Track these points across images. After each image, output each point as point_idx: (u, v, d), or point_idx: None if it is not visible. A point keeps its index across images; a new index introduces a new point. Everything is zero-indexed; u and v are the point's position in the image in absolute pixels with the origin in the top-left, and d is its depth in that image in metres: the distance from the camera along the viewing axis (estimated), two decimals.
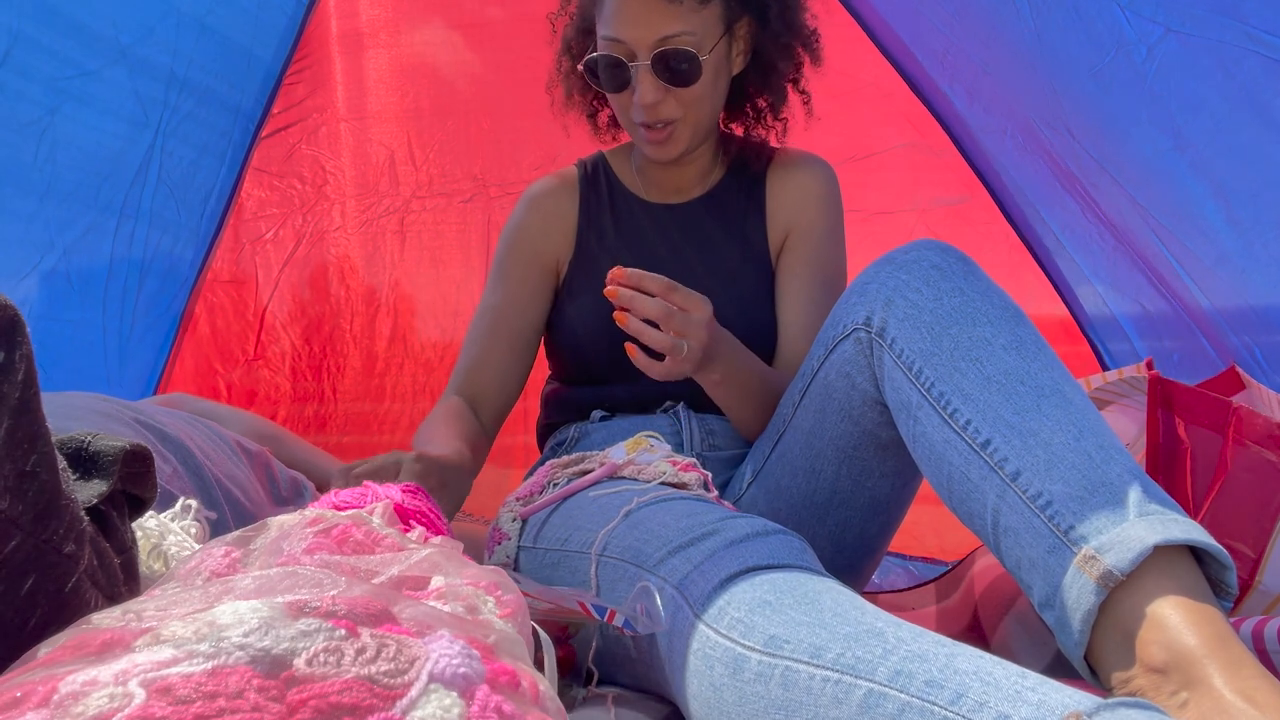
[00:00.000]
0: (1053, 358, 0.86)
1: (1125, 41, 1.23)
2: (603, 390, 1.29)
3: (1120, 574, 0.71)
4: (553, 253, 1.36)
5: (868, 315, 0.95)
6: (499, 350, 1.33)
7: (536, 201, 1.39)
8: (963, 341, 0.87)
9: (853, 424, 1.01)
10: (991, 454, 0.81)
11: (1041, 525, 0.77)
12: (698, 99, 1.22)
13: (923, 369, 0.88)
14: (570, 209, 1.38)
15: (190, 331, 2.08)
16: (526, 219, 1.38)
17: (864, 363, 0.96)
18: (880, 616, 0.67)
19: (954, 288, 0.90)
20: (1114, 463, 0.77)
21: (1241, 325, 1.36)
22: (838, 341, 0.99)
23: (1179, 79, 1.22)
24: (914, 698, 0.59)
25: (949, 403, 0.85)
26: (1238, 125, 1.20)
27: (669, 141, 1.25)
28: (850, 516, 1.07)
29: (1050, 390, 0.82)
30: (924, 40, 1.68)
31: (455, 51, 2.04)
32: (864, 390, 0.98)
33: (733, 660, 0.68)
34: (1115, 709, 0.56)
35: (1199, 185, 1.30)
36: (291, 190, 2.10)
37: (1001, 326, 0.87)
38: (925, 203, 1.84)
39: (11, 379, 0.49)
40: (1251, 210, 1.26)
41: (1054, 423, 0.80)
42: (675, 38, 1.17)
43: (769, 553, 0.76)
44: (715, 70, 1.23)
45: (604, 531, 0.88)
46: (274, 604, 0.43)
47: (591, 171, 1.41)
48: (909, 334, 0.90)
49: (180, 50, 1.77)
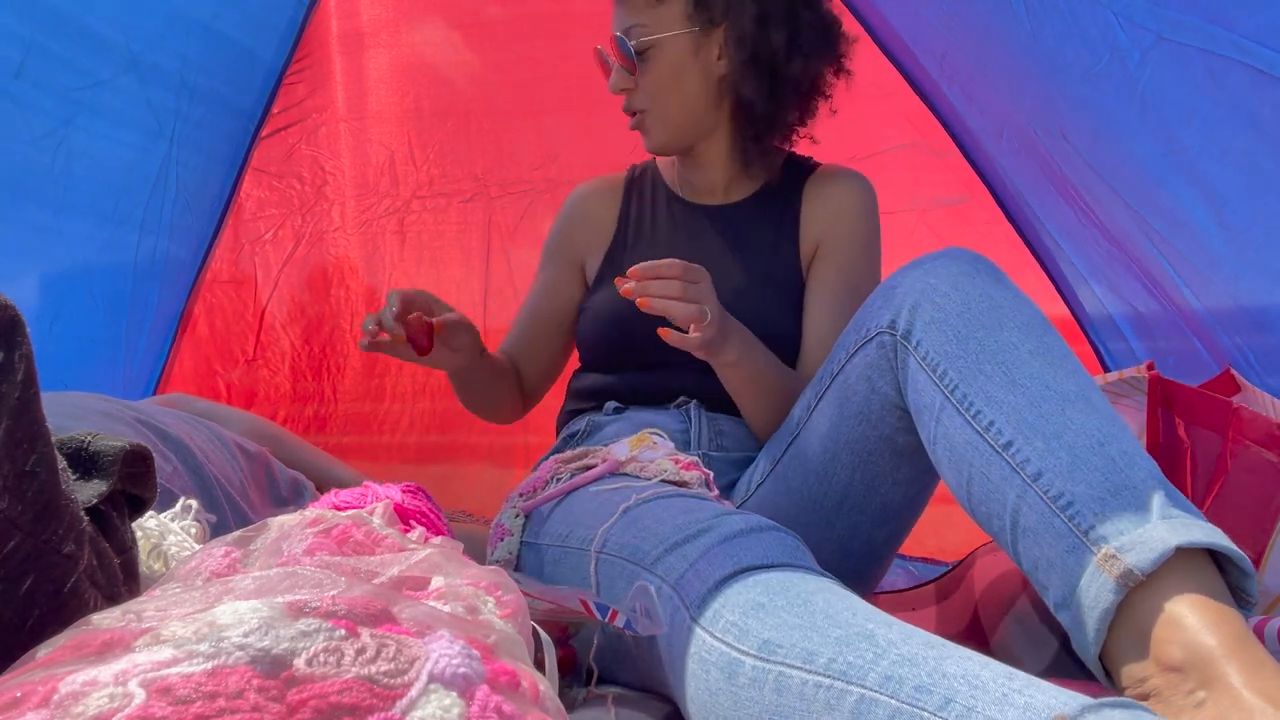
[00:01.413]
0: (1078, 365, 0.87)
1: (1119, 47, 1.24)
2: (620, 379, 1.33)
3: (1141, 573, 0.71)
4: (581, 250, 1.45)
5: (893, 318, 0.95)
6: (531, 328, 1.47)
7: (576, 201, 1.50)
8: (989, 345, 0.87)
9: (870, 428, 1.01)
10: (1013, 455, 0.81)
11: (1062, 525, 0.77)
12: (659, 91, 1.31)
13: (947, 371, 0.88)
14: (608, 211, 1.46)
15: (189, 332, 2.08)
16: (564, 216, 1.49)
17: (886, 366, 0.97)
18: (872, 617, 0.67)
19: (982, 294, 0.90)
20: (1137, 468, 0.77)
21: (1234, 327, 1.36)
22: (860, 345, 1.00)
23: (1171, 85, 1.22)
24: (904, 704, 0.60)
25: (972, 404, 0.85)
26: (1229, 133, 1.20)
27: (644, 132, 1.35)
28: (860, 522, 1.07)
29: (1075, 396, 0.82)
30: (924, 41, 1.68)
31: (456, 51, 2.04)
32: (884, 394, 0.98)
33: (728, 665, 0.69)
34: (1100, 710, 0.56)
35: (1191, 190, 1.30)
36: (291, 190, 2.09)
37: (1028, 333, 0.87)
38: (926, 203, 1.84)
39: (11, 379, 0.49)
40: (1244, 216, 1.26)
41: (1078, 427, 0.80)
42: (630, 29, 1.30)
43: (764, 551, 0.76)
44: (676, 65, 1.30)
45: (603, 528, 0.89)
46: (274, 604, 0.43)
47: (640, 175, 1.49)
48: (935, 337, 0.90)
49: (189, 56, 1.78)
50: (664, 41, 1.29)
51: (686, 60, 1.30)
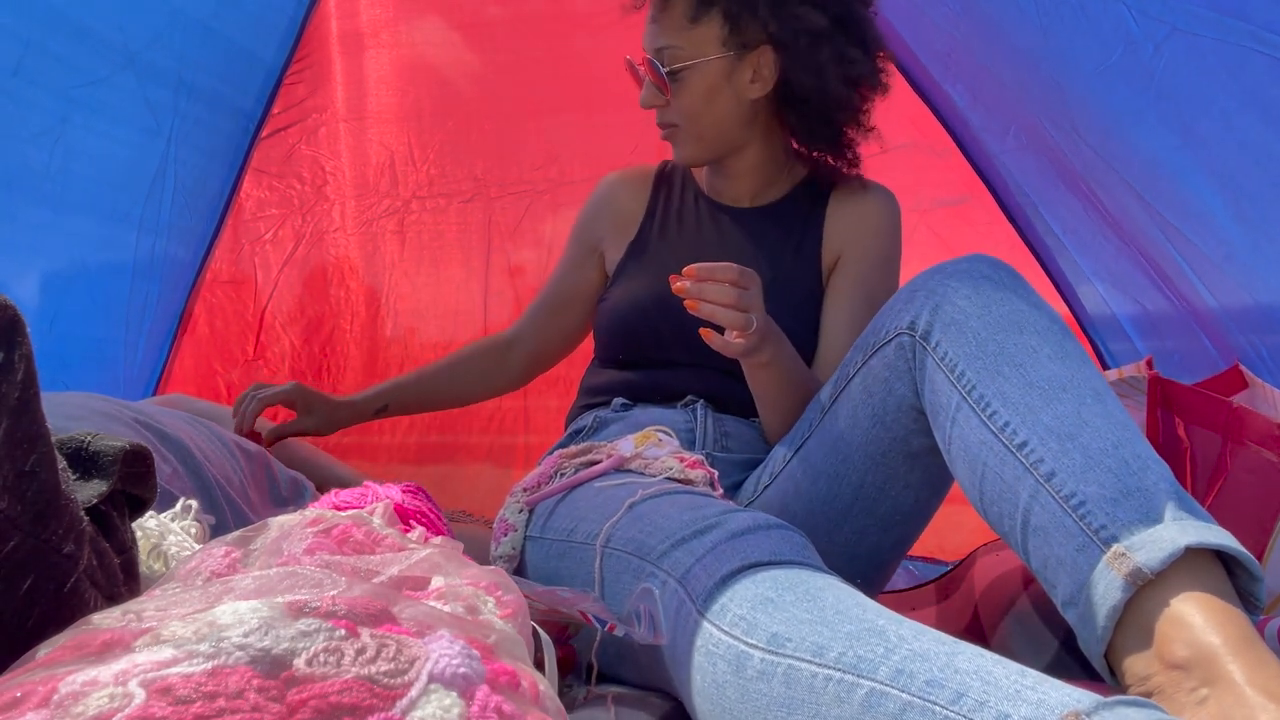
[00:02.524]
0: (1095, 372, 0.87)
1: (1132, 39, 1.23)
2: (632, 376, 1.33)
3: (1150, 572, 0.71)
4: (601, 236, 1.47)
5: (913, 320, 0.95)
6: (542, 305, 1.54)
7: (606, 188, 1.51)
8: (1007, 348, 0.87)
9: (885, 430, 1.01)
10: (1027, 455, 0.81)
11: (1073, 524, 0.77)
12: (691, 110, 1.31)
13: (965, 371, 0.89)
14: (636, 201, 1.47)
15: (189, 332, 2.08)
16: (593, 201, 1.51)
17: (904, 367, 0.97)
18: (882, 614, 0.68)
19: (1002, 298, 0.91)
20: (1150, 471, 0.78)
21: (1247, 323, 1.36)
22: (879, 346, 1.00)
23: (1186, 77, 1.22)
24: (915, 697, 0.60)
25: (988, 405, 0.86)
26: (1246, 123, 1.20)
27: (675, 144, 1.36)
28: (869, 525, 1.07)
29: (1092, 400, 0.83)
30: (927, 40, 1.68)
31: (455, 51, 2.04)
32: (900, 396, 0.98)
33: (736, 658, 0.68)
34: (1114, 707, 0.56)
35: (1207, 182, 1.30)
36: (291, 191, 2.09)
37: (1048, 337, 0.88)
38: (927, 203, 1.84)
39: (11, 379, 0.49)
40: (1260, 207, 1.25)
41: (1093, 430, 0.80)
42: (663, 50, 1.29)
43: (771, 548, 0.76)
44: (709, 89, 1.30)
45: (608, 524, 0.89)
46: (274, 604, 0.43)
47: (670, 170, 1.50)
48: (954, 338, 0.91)
49: (187, 54, 1.77)
50: (697, 65, 1.29)
51: (720, 84, 1.30)
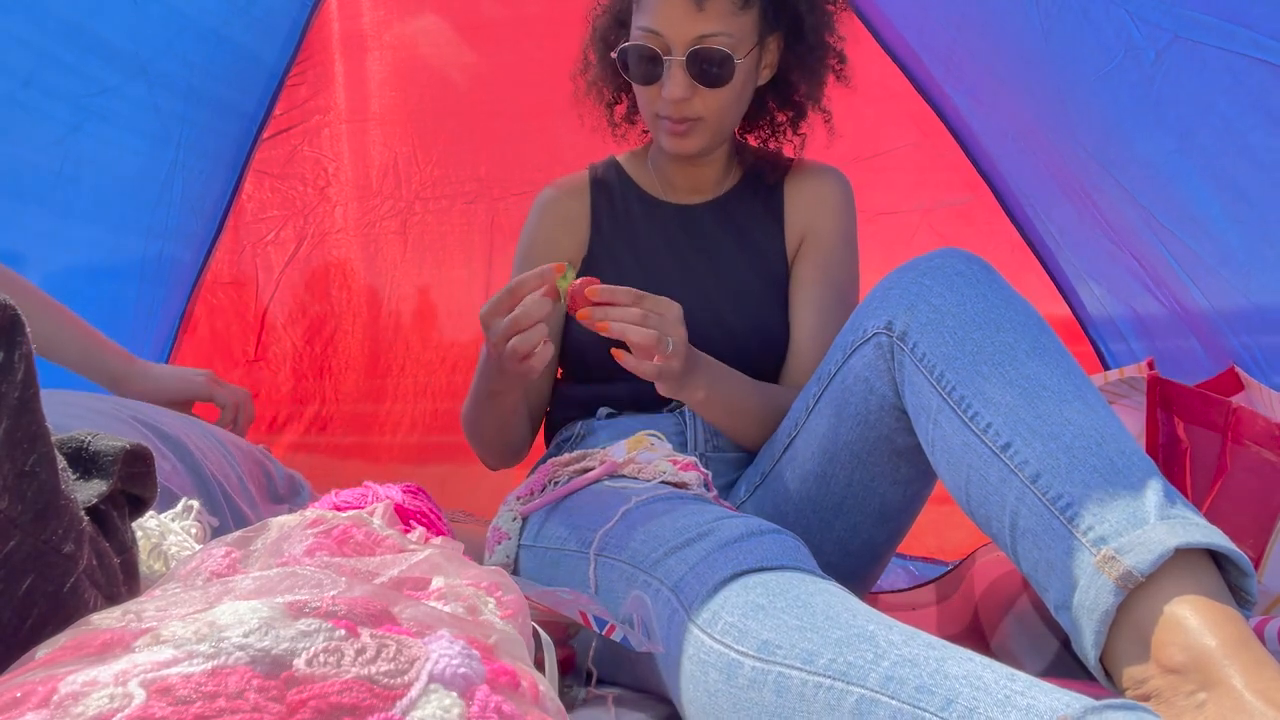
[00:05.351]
0: (1074, 365, 0.87)
1: (1134, 45, 1.24)
2: (608, 388, 1.30)
3: (1140, 575, 0.71)
4: (564, 253, 1.37)
5: (889, 320, 0.95)
6: None
7: (546, 209, 1.40)
8: (985, 346, 0.87)
9: (868, 429, 1.01)
10: (1011, 457, 0.81)
11: (1061, 527, 0.76)
12: (723, 102, 1.23)
13: (944, 373, 0.88)
14: (580, 213, 1.39)
15: (191, 333, 2.08)
16: (537, 226, 1.40)
17: (884, 367, 0.97)
18: (872, 619, 0.67)
19: (978, 294, 0.90)
20: (1135, 467, 0.77)
21: (1242, 325, 1.36)
22: (857, 346, 0.99)
23: (1187, 83, 1.22)
24: (905, 704, 0.60)
25: (970, 406, 0.85)
26: (1246, 128, 1.20)
27: (688, 136, 1.25)
28: (860, 522, 1.07)
29: (1072, 396, 0.82)
30: (929, 42, 1.68)
31: (458, 53, 2.04)
32: (882, 395, 0.98)
33: (727, 666, 0.68)
34: (1102, 711, 0.56)
35: (1204, 185, 1.30)
36: (293, 192, 2.09)
37: (1024, 333, 0.87)
38: (929, 203, 1.84)
39: (11, 379, 0.49)
40: (1258, 209, 1.26)
41: (1075, 428, 0.80)
42: (712, 37, 1.18)
43: (763, 554, 0.76)
44: (745, 77, 1.24)
45: (602, 531, 0.88)
46: (274, 604, 0.43)
47: (603, 174, 1.42)
48: (931, 338, 0.90)
49: (196, 62, 1.78)
50: (749, 54, 1.22)
51: (751, 73, 1.26)
